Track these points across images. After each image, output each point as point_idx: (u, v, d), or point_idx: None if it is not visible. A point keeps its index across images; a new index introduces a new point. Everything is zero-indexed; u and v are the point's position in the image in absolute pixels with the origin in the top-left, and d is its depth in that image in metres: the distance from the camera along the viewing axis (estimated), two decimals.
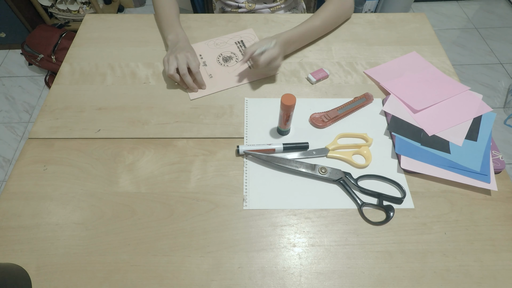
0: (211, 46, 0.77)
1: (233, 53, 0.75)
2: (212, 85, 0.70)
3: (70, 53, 0.76)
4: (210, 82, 0.70)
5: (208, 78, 0.71)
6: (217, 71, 0.72)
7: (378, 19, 0.84)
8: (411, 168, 0.55)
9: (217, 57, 0.75)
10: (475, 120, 0.62)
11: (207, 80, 0.70)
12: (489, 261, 0.48)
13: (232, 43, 0.78)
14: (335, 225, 0.51)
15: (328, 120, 0.62)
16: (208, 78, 0.71)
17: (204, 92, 0.68)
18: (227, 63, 0.73)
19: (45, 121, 0.64)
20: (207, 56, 0.75)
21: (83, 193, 0.54)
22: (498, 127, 1.53)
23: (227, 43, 0.78)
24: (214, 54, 0.76)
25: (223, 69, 0.72)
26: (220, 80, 0.71)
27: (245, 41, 0.77)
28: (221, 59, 0.74)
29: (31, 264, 0.48)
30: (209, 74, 0.72)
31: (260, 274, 0.47)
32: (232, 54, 0.75)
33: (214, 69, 0.73)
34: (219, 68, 0.73)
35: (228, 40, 0.78)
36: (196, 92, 0.68)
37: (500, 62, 1.78)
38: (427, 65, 0.72)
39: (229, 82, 0.70)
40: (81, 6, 1.81)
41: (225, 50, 0.76)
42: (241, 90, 0.69)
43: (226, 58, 0.74)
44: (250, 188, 0.55)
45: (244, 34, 0.79)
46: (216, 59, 0.74)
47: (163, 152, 0.59)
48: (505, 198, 0.54)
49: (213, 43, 0.78)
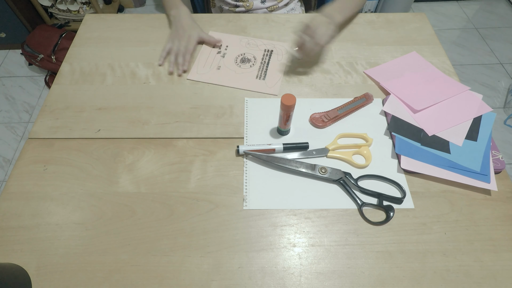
0: (243, 43, 0.77)
1: (254, 57, 0.74)
2: (214, 76, 0.70)
3: (70, 53, 0.76)
4: (214, 73, 0.71)
5: (216, 68, 0.72)
6: (228, 67, 0.72)
7: (378, 19, 0.84)
8: (411, 168, 0.56)
9: (238, 55, 0.75)
10: (475, 120, 0.62)
11: (213, 70, 0.71)
12: (489, 261, 0.48)
13: (262, 49, 0.76)
14: (335, 225, 0.51)
15: (328, 120, 0.62)
16: (216, 68, 0.72)
17: (202, 78, 0.70)
18: (242, 64, 0.73)
19: (45, 121, 0.64)
20: (231, 50, 0.76)
21: (83, 193, 0.54)
22: (498, 127, 1.53)
23: (258, 47, 0.77)
24: (239, 51, 0.76)
25: (234, 68, 0.73)
26: (224, 75, 0.71)
27: (274, 52, 0.76)
28: (239, 59, 0.74)
29: (31, 264, 0.48)
30: (218, 66, 0.72)
31: (260, 274, 0.47)
32: (253, 57, 0.74)
33: (227, 64, 0.73)
34: (231, 65, 0.73)
35: (261, 44, 0.77)
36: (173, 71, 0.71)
37: (500, 62, 1.78)
38: (427, 65, 0.72)
39: (230, 81, 0.70)
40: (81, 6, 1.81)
41: (250, 52, 0.76)
42: (241, 90, 0.69)
43: (244, 60, 0.74)
44: (250, 188, 0.55)
45: (279, 45, 0.77)
46: (236, 57, 0.75)
47: (163, 152, 0.59)
48: (505, 198, 0.54)
49: (246, 41, 0.78)
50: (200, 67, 0.72)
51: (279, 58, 0.75)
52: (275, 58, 0.75)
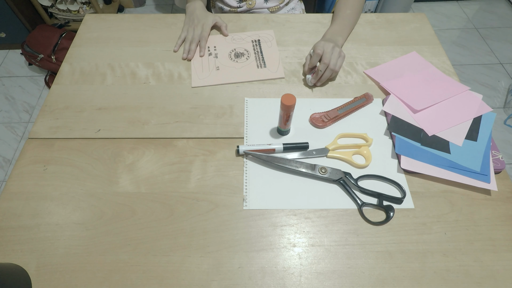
0: (228, 40, 0.78)
1: (246, 50, 0.76)
2: (216, 77, 0.70)
3: (70, 53, 0.76)
4: (215, 74, 0.71)
5: (215, 69, 0.72)
6: (226, 65, 0.73)
7: (378, 19, 0.84)
8: (411, 168, 0.55)
9: (230, 52, 0.75)
10: (475, 120, 0.62)
11: (213, 72, 0.71)
12: (489, 261, 0.48)
13: (249, 40, 0.78)
14: (335, 225, 0.51)
15: (328, 120, 0.62)
16: (215, 69, 0.72)
17: (206, 82, 0.69)
18: (238, 59, 0.74)
19: (45, 121, 0.64)
20: (220, 48, 0.76)
21: (83, 193, 0.54)
22: (498, 127, 1.52)
23: (244, 40, 0.78)
24: (228, 48, 0.77)
25: (232, 64, 0.73)
26: (225, 74, 0.71)
27: (262, 40, 0.78)
28: (233, 54, 0.75)
29: (31, 264, 0.48)
30: (216, 66, 0.72)
31: (260, 274, 0.47)
32: (245, 51, 0.75)
33: (223, 62, 0.73)
34: (228, 62, 0.73)
35: (245, 37, 0.79)
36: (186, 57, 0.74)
37: (500, 62, 1.78)
38: (427, 65, 0.72)
39: (233, 77, 0.70)
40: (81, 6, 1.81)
41: (239, 46, 0.77)
42: (241, 90, 0.69)
43: (238, 54, 0.75)
44: (250, 188, 0.55)
45: (263, 34, 0.80)
46: (229, 53, 0.75)
47: (163, 152, 0.59)
48: (505, 198, 0.54)
49: (230, 38, 0.79)
50: (199, 72, 0.72)
51: (268, 44, 0.77)
52: (265, 45, 0.77)
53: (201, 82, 0.69)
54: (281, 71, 0.71)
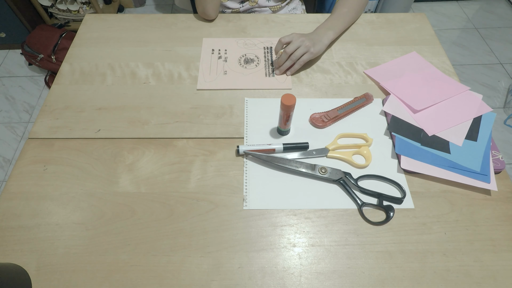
0: (240, 44, 0.78)
1: (257, 56, 0.75)
2: (222, 81, 0.70)
3: (70, 53, 0.76)
4: (222, 78, 0.71)
5: (223, 73, 0.71)
6: (234, 70, 0.72)
7: (378, 19, 0.84)
8: (411, 168, 0.56)
9: (240, 57, 0.75)
10: (475, 120, 0.62)
11: (220, 76, 0.71)
12: (489, 261, 0.48)
13: (261, 47, 0.77)
14: (335, 225, 0.51)
15: (328, 120, 0.62)
16: (223, 73, 0.71)
17: (211, 86, 0.69)
18: (247, 65, 0.73)
19: (45, 121, 0.64)
20: (231, 52, 0.76)
21: (83, 193, 0.54)
22: (498, 127, 1.53)
23: (256, 45, 0.77)
24: (239, 53, 0.76)
25: (240, 70, 0.72)
26: (232, 79, 0.71)
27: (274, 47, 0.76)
28: (243, 60, 0.74)
29: (31, 264, 0.48)
30: (224, 70, 0.72)
31: (260, 274, 0.47)
32: (256, 57, 0.74)
33: (232, 67, 0.73)
34: (237, 68, 0.73)
35: (258, 43, 0.78)
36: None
37: (500, 62, 1.78)
38: (427, 65, 0.72)
39: (240, 83, 0.70)
40: (81, 6, 1.81)
41: (250, 52, 0.76)
42: (241, 90, 0.69)
43: (248, 60, 0.74)
44: (250, 188, 0.55)
45: (275, 41, 0.78)
46: (238, 58, 0.74)
47: (163, 152, 0.59)
48: (505, 198, 0.54)
49: (242, 42, 0.78)
50: (206, 75, 0.71)
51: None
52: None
53: (206, 85, 0.69)
54: (289, 82, 0.70)
